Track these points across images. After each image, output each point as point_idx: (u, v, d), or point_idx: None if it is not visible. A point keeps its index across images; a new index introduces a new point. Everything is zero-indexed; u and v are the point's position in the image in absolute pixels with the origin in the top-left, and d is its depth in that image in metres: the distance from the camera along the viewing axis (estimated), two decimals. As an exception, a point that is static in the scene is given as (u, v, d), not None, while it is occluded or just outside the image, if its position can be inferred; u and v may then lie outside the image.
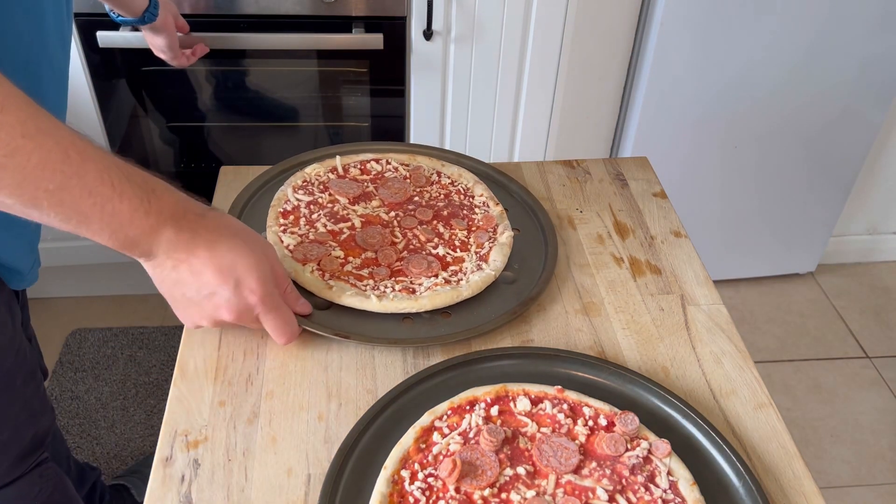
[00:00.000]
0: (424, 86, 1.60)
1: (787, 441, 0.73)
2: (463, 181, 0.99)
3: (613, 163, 1.10)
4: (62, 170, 0.57)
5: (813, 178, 1.97)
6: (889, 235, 2.29)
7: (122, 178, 0.61)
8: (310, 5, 1.48)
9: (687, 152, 1.86)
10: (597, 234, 0.96)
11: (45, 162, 0.56)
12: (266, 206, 0.92)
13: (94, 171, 0.59)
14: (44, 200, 0.57)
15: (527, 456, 0.67)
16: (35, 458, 1.01)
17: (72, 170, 0.58)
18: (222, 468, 0.68)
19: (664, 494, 0.65)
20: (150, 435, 1.69)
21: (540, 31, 1.54)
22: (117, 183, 0.61)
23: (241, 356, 0.78)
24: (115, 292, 2.03)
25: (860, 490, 1.72)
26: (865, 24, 1.70)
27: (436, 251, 0.88)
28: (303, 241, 0.86)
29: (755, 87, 1.76)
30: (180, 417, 0.72)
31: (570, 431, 0.69)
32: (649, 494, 0.65)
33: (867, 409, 1.89)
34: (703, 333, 0.84)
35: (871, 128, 1.90)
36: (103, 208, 0.60)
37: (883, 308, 2.18)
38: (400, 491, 0.64)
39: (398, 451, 0.66)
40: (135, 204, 0.62)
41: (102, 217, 0.61)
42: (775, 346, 2.05)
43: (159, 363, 1.86)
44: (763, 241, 2.11)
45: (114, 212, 0.61)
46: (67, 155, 0.57)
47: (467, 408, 0.70)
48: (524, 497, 0.64)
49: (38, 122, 0.56)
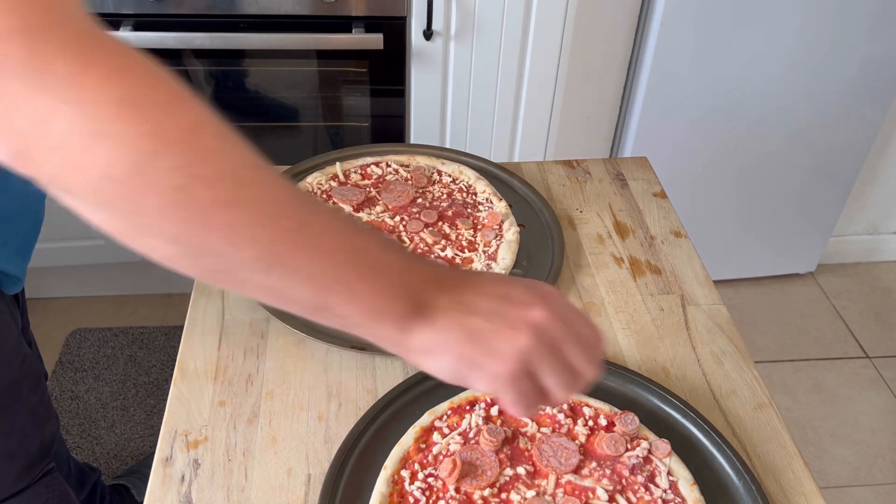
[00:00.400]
0: (424, 86, 1.59)
1: (787, 441, 0.73)
2: (464, 178, 0.99)
3: (613, 163, 1.10)
4: (298, 205, 0.47)
5: (813, 178, 1.97)
6: (889, 235, 2.29)
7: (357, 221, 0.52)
8: (310, 5, 1.48)
9: (687, 152, 1.86)
10: (597, 234, 0.96)
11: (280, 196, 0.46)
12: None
13: (327, 210, 0.49)
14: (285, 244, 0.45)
15: (527, 456, 0.67)
16: (41, 467, 1.00)
17: (307, 206, 0.47)
18: (222, 468, 0.68)
19: (664, 494, 0.65)
20: (150, 435, 1.69)
21: (540, 31, 1.54)
22: (352, 222, 0.50)
23: (241, 356, 0.78)
24: (115, 292, 2.03)
25: (860, 490, 1.72)
26: (865, 24, 1.70)
27: (444, 253, 0.88)
28: None
29: (755, 87, 1.76)
30: (180, 417, 0.72)
31: (570, 431, 0.69)
32: (649, 494, 0.65)
33: (867, 409, 1.89)
34: (704, 333, 0.84)
35: (872, 128, 1.90)
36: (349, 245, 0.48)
37: (883, 308, 2.17)
38: (400, 491, 0.64)
39: (398, 451, 0.66)
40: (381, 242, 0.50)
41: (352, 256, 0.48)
42: (775, 346, 2.05)
43: (159, 363, 1.86)
44: (763, 241, 2.11)
45: (362, 248, 0.49)
46: (299, 193, 0.48)
47: (467, 408, 0.70)
48: (524, 497, 0.64)
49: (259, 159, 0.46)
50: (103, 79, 0.39)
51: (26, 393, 0.94)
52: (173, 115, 0.41)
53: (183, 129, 0.41)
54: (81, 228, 1.56)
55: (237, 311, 0.83)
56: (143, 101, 0.40)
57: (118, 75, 0.40)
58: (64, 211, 0.44)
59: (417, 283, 0.51)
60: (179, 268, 0.45)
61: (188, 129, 0.42)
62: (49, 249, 1.79)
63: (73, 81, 0.38)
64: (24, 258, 0.92)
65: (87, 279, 1.99)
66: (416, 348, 0.51)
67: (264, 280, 0.46)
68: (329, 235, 0.47)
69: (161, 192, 0.40)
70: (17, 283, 0.91)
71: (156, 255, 0.44)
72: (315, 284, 0.47)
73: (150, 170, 0.40)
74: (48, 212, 0.95)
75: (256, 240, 0.44)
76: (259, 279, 0.46)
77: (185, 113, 0.42)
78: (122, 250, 1.00)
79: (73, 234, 1.77)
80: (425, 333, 0.51)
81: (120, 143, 0.39)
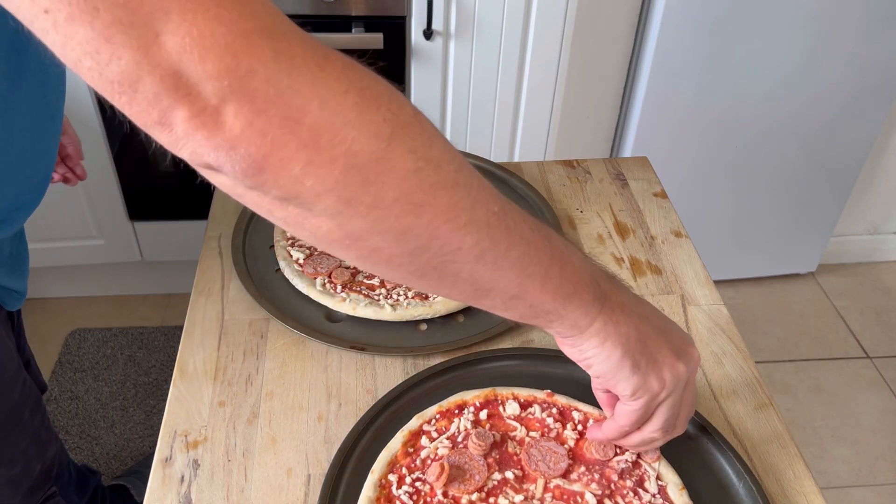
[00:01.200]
0: (424, 85, 1.59)
1: (788, 441, 0.73)
2: (463, 180, 0.99)
3: (614, 163, 1.09)
4: (495, 192, 0.49)
5: (813, 178, 1.97)
6: (890, 235, 2.29)
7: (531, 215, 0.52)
8: (310, 5, 1.48)
9: (687, 152, 1.86)
10: (597, 234, 0.96)
11: (481, 179, 0.48)
12: (272, 222, 0.92)
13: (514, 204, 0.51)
14: (496, 228, 0.47)
15: (515, 460, 0.67)
16: (44, 492, 1.00)
17: (500, 193, 0.49)
18: (222, 468, 0.68)
19: (653, 499, 0.64)
20: (150, 435, 1.69)
21: (540, 30, 1.54)
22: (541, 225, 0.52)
23: (241, 356, 0.78)
24: (115, 292, 2.03)
25: (860, 490, 1.72)
26: (866, 24, 1.70)
27: None
28: (312, 254, 0.86)
29: (755, 86, 1.76)
30: (180, 418, 0.72)
31: (559, 435, 0.69)
32: (638, 499, 0.64)
33: (868, 409, 1.89)
34: (704, 333, 0.83)
35: (872, 128, 1.90)
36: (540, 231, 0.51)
37: (883, 308, 2.17)
38: (387, 495, 0.63)
39: (386, 455, 0.66)
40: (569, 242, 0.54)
41: (545, 242, 0.50)
42: (776, 346, 2.05)
43: (159, 363, 1.86)
44: (763, 241, 2.11)
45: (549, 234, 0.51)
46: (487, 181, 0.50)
47: (456, 411, 0.70)
48: (512, 501, 0.64)
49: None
50: (341, 72, 0.40)
51: (27, 417, 0.93)
52: (400, 102, 0.43)
53: (410, 113, 0.43)
54: (81, 228, 1.58)
55: (237, 311, 0.83)
56: (376, 90, 0.42)
57: (350, 68, 0.41)
58: (64, 211, 0.44)
59: (597, 273, 0.55)
60: (395, 267, 0.46)
61: (412, 113, 0.43)
62: (49, 249, 1.79)
63: (318, 76, 0.39)
64: (26, 272, 0.92)
65: (87, 279, 1.99)
66: (594, 331, 0.54)
67: (474, 269, 0.47)
68: (523, 221, 0.49)
69: (400, 176, 0.42)
70: (18, 299, 0.90)
71: (377, 257, 0.45)
72: (518, 270, 0.49)
73: (390, 155, 0.41)
74: (48, 211, 0.94)
75: (474, 222, 0.46)
76: (470, 269, 0.47)
77: (405, 100, 0.44)
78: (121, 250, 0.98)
79: (73, 234, 1.77)
80: (608, 322, 0.54)
81: (364, 131, 0.40)
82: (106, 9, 0.34)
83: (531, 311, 0.52)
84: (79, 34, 0.35)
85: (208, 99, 0.37)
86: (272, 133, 0.38)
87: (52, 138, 0.82)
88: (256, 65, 0.37)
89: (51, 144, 0.82)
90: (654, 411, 0.59)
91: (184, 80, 0.36)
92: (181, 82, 0.36)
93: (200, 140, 0.38)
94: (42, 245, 1.76)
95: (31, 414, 0.94)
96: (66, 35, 0.35)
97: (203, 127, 0.37)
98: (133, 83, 0.36)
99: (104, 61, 0.36)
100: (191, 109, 0.37)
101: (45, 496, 1.00)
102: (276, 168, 0.39)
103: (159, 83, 0.36)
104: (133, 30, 0.35)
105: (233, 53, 0.36)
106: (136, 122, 0.39)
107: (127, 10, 0.35)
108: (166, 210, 1.78)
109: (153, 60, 0.36)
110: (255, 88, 0.37)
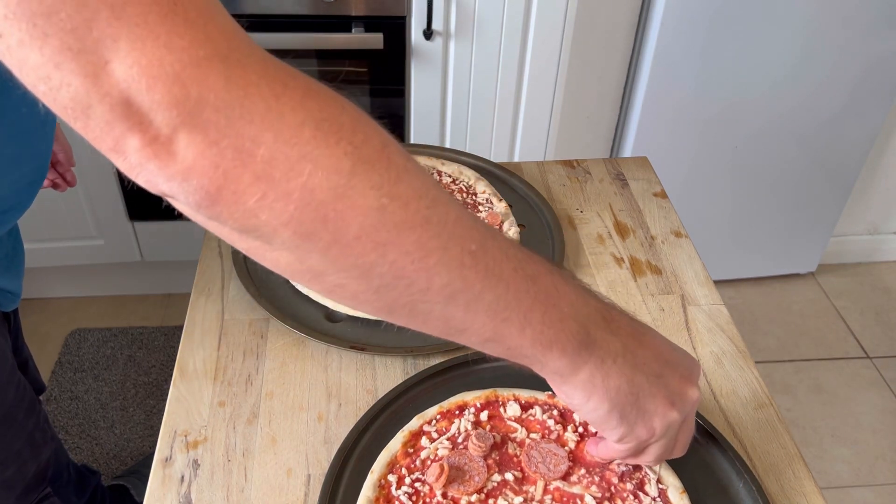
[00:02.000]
0: (424, 86, 1.59)
1: (788, 441, 0.72)
2: (464, 179, 0.99)
3: (614, 163, 1.09)
4: (476, 227, 0.45)
5: (813, 178, 1.97)
6: (890, 235, 2.29)
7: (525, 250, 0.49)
8: (310, 5, 1.48)
9: (687, 152, 1.86)
10: (597, 234, 0.96)
11: (462, 215, 0.45)
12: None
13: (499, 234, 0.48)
14: (470, 269, 0.44)
15: (515, 462, 0.67)
16: (38, 493, 0.99)
17: (482, 228, 0.46)
18: (222, 468, 0.68)
19: (653, 503, 0.64)
20: (150, 435, 1.69)
21: (540, 30, 1.54)
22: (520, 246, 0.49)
23: (241, 356, 0.78)
24: (115, 292, 2.03)
25: (860, 490, 1.72)
26: (865, 24, 1.70)
27: None
28: None
29: (755, 86, 1.76)
30: (180, 418, 0.72)
31: (559, 437, 0.69)
32: (638, 502, 0.64)
33: (867, 409, 1.89)
34: (704, 333, 0.83)
35: (872, 128, 1.90)
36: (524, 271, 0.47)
37: (883, 308, 2.17)
38: (386, 496, 0.63)
39: (386, 456, 0.66)
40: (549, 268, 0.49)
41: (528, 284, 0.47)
42: (776, 346, 2.05)
43: (159, 363, 1.86)
44: (763, 241, 2.11)
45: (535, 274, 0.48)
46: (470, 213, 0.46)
47: (456, 412, 0.70)
48: (511, 503, 0.63)
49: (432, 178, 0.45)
50: (298, 102, 0.38)
51: (22, 419, 0.93)
52: (365, 134, 0.40)
53: (376, 147, 0.40)
54: (81, 228, 1.58)
55: (237, 311, 0.83)
56: (337, 121, 0.39)
57: (310, 97, 0.39)
58: (63, 211, 0.43)
59: (589, 317, 0.50)
60: (361, 303, 0.45)
61: (378, 146, 0.41)
62: (49, 249, 1.79)
63: (272, 106, 0.37)
64: (21, 273, 0.92)
65: (86, 279, 1.99)
66: (579, 383, 0.51)
67: (445, 310, 0.45)
68: (506, 259, 0.46)
69: (361, 213, 0.39)
70: (13, 299, 0.90)
71: (342, 292, 0.44)
72: (493, 313, 0.46)
73: (350, 191, 0.39)
74: (48, 211, 0.94)
75: (445, 263, 0.43)
76: (440, 310, 0.45)
77: (373, 132, 0.41)
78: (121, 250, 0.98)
79: (73, 234, 1.77)
80: (595, 374, 0.51)
81: (322, 166, 0.38)
82: (55, 34, 0.33)
83: (510, 353, 0.50)
84: (30, 59, 0.34)
85: (160, 128, 0.36)
86: (224, 165, 0.37)
87: (44, 142, 0.81)
88: (207, 94, 0.36)
89: (42, 149, 0.82)
90: (644, 449, 0.58)
91: (135, 108, 0.35)
92: (132, 111, 0.35)
93: (153, 170, 0.37)
94: (42, 245, 1.76)
95: (26, 415, 0.94)
96: (19, 60, 0.34)
97: (156, 157, 0.36)
98: (85, 110, 0.35)
99: (55, 87, 0.35)
100: (143, 139, 0.36)
101: (40, 497, 1.00)
102: (229, 201, 0.38)
103: (110, 111, 0.35)
104: (81, 56, 0.34)
105: (182, 83, 0.35)
106: (95, 147, 0.38)
107: (75, 36, 0.34)
108: (166, 210, 1.77)
109: (102, 89, 0.35)
110: (206, 119, 0.36)
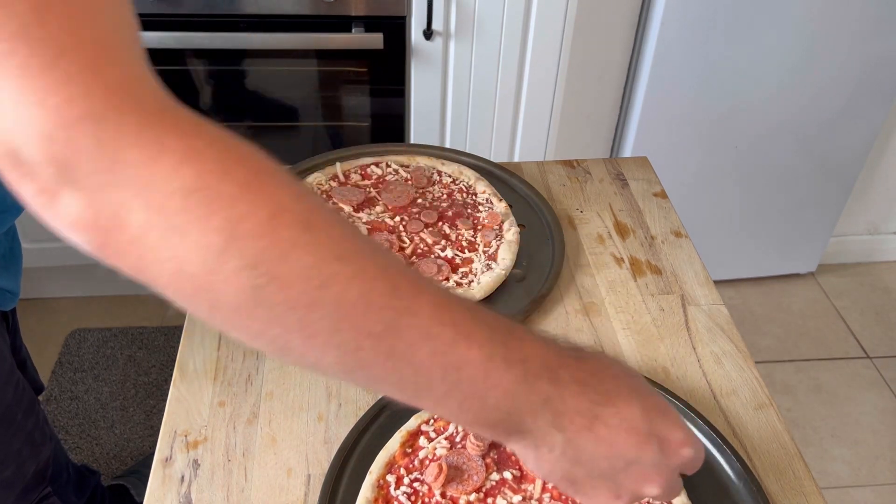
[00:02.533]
0: (424, 86, 1.59)
1: (788, 441, 0.73)
2: (464, 179, 0.99)
3: (613, 163, 1.09)
4: (391, 305, 0.41)
5: (813, 178, 1.97)
6: (890, 235, 2.29)
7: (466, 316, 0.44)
8: (310, 5, 1.48)
9: (687, 152, 1.86)
10: (597, 235, 0.96)
11: (369, 294, 0.40)
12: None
13: (428, 307, 0.42)
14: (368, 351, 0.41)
15: (514, 460, 0.67)
16: (38, 493, 0.99)
17: (402, 305, 0.41)
18: (222, 468, 0.68)
19: (652, 500, 0.64)
20: (150, 435, 1.69)
21: (540, 30, 1.54)
22: (460, 322, 0.43)
23: (241, 356, 0.78)
24: (115, 292, 2.03)
25: (860, 490, 1.72)
26: (865, 24, 1.70)
27: (444, 254, 0.88)
28: None
29: (755, 86, 1.76)
30: (180, 418, 0.72)
31: None
32: None
33: (868, 409, 1.89)
34: (704, 333, 0.83)
35: (872, 128, 1.90)
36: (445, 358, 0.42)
37: (883, 308, 2.17)
38: (385, 496, 0.63)
39: (384, 456, 0.66)
40: (487, 351, 0.43)
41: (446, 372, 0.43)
42: (776, 346, 2.05)
43: (159, 363, 1.86)
44: (763, 241, 2.11)
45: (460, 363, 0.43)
46: (396, 285, 0.41)
47: None
48: (510, 501, 0.64)
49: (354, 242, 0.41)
50: (171, 169, 0.36)
51: (21, 419, 0.93)
52: (246, 205, 0.38)
53: (257, 221, 0.38)
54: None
55: (237, 311, 0.82)
56: (213, 191, 0.37)
57: (188, 163, 0.37)
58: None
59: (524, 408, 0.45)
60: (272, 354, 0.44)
61: (263, 220, 0.38)
62: (49, 249, 1.79)
63: (143, 173, 0.36)
64: (20, 272, 0.91)
65: (86, 279, 1.99)
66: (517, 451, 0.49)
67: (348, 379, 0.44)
68: (423, 343, 0.42)
69: (235, 291, 0.38)
70: (11, 299, 0.90)
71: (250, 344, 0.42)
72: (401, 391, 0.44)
73: (221, 268, 0.37)
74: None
75: (335, 345, 0.40)
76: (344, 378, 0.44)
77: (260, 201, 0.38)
78: (121, 250, 0.95)
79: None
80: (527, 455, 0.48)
81: (188, 240, 0.37)
82: None
83: None
84: None
85: (46, 182, 0.36)
86: (103, 224, 0.37)
87: None
88: (77, 157, 0.35)
89: None
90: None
91: (22, 159, 0.35)
92: (20, 161, 0.35)
93: (48, 218, 0.37)
94: (41, 245, 1.76)
95: (25, 415, 0.94)
96: None
97: (47, 207, 0.37)
98: None
99: None
100: (33, 188, 0.36)
101: (39, 497, 1.00)
102: (114, 257, 0.38)
103: (4, 157, 0.36)
104: None
105: (53, 143, 0.35)
106: None
107: None
108: (166, 210, 1.78)
109: None
110: (78, 180, 0.36)
